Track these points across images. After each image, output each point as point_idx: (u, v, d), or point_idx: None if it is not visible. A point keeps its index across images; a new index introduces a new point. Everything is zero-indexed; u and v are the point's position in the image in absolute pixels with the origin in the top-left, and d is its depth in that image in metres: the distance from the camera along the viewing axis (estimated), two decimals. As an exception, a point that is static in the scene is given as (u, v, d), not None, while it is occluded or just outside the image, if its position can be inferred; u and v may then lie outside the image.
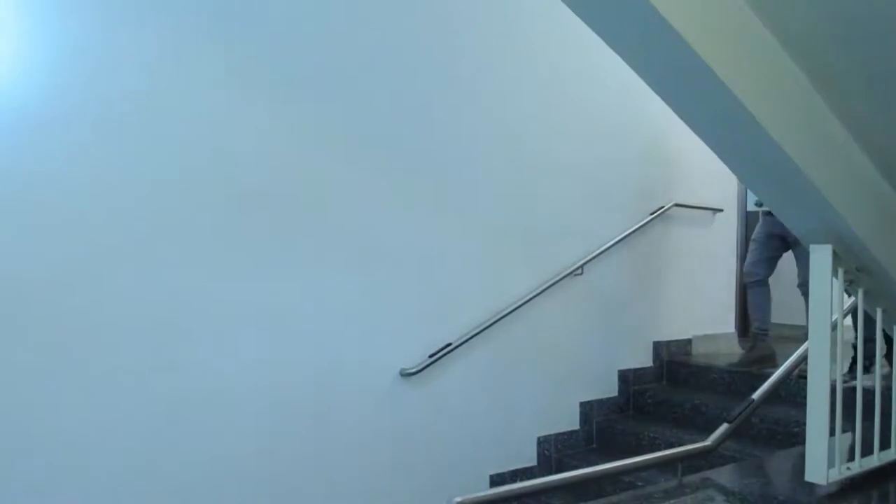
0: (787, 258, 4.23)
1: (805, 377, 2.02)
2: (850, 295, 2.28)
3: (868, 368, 2.96)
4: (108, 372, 2.66)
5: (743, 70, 1.53)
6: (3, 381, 2.47)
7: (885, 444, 2.21)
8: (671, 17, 1.36)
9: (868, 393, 2.21)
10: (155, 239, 2.77)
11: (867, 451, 2.17)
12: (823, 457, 1.97)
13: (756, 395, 2.65)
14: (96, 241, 2.66)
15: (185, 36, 2.83)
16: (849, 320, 3.47)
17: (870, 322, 2.62)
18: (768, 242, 4.19)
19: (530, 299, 3.77)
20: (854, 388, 2.21)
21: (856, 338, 3.38)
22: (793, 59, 1.65)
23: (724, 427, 2.53)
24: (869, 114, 1.80)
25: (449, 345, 3.45)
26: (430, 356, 3.40)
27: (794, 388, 3.36)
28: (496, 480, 3.60)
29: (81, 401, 2.62)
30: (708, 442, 2.49)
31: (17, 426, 2.50)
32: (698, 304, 4.84)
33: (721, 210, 5.00)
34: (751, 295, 4.31)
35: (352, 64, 3.24)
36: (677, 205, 4.57)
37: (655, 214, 4.43)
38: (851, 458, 2.11)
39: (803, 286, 3.81)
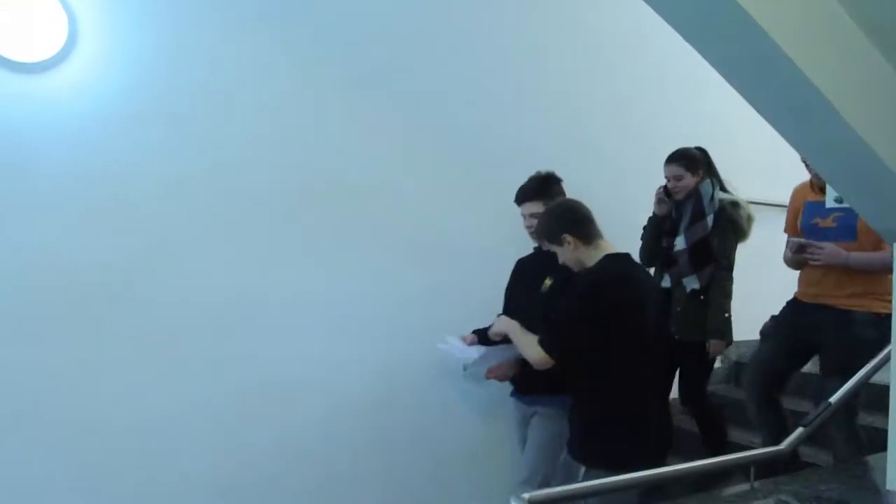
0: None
1: None
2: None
3: None
4: (182, 360, 2.80)
5: (824, 60, 1.48)
6: (84, 366, 2.62)
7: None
8: (748, 5, 1.33)
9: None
10: (229, 233, 2.88)
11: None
12: (908, 464, 1.88)
13: (833, 399, 2.54)
14: (172, 234, 2.79)
15: (253, 31, 2.93)
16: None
17: None
18: None
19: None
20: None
21: None
22: (878, 49, 1.58)
23: (798, 431, 2.43)
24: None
25: (512, 341, 3.44)
26: (494, 352, 3.40)
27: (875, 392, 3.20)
28: (559, 478, 3.57)
29: (156, 387, 2.76)
30: (781, 446, 2.40)
31: (90, 409, 2.65)
32: (769, 305, 4.65)
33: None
34: None
35: (422, 60, 3.31)
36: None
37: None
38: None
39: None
